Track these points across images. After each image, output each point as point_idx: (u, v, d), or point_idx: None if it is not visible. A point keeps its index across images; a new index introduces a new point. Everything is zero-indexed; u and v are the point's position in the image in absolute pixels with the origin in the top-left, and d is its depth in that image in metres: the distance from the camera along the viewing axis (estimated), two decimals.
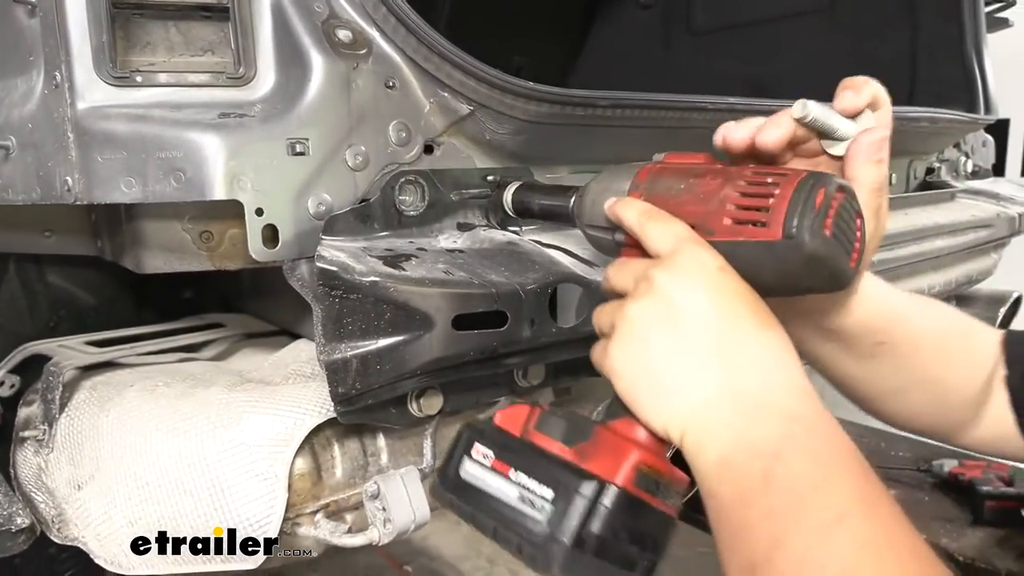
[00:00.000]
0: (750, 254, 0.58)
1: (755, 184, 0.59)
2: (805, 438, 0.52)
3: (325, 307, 0.70)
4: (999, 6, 2.02)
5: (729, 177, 0.62)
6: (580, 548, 0.53)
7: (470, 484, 0.61)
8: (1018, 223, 1.57)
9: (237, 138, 0.71)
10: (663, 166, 0.68)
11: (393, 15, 0.77)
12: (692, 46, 2.35)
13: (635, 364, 0.59)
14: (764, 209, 0.57)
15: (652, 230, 0.62)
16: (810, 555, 0.46)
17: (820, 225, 0.55)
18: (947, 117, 1.48)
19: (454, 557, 3.12)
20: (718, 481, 0.53)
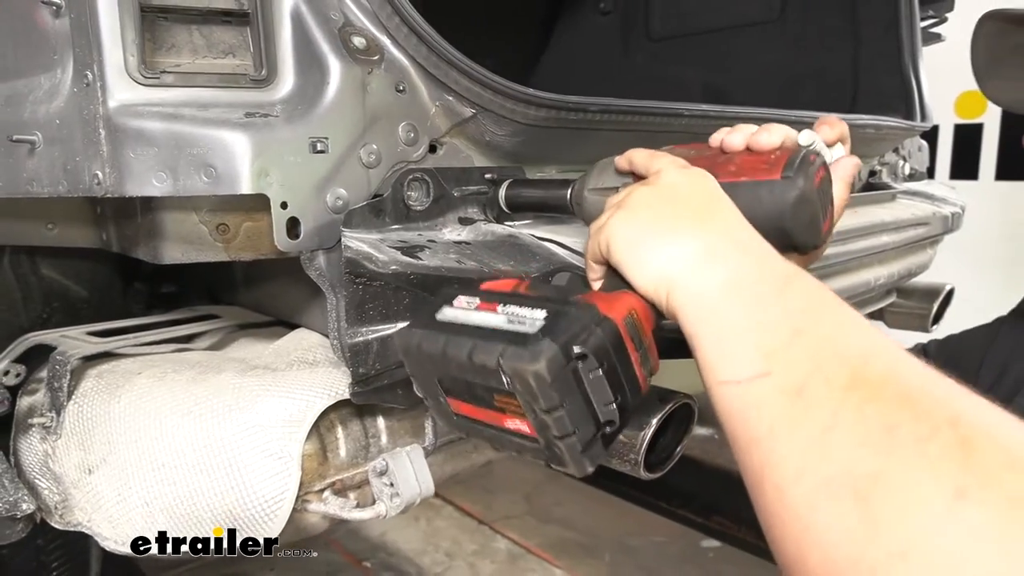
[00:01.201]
0: (749, 191, 0.66)
1: (758, 151, 0.70)
2: (809, 277, 0.55)
3: (349, 293, 0.76)
4: (932, 22, 2.18)
5: (734, 152, 0.72)
6: (566, 356, 0.51)
7: (447, 322, 0.58)
8: (951, 221, 1.71)
9: (264, 136, 0.76)
10: (671, 148, 0.77)
11: (405, 24, 0.83)
12: (650, 52, 2.45)
13: (634, 226, 0.62)
14: (765, 161, 0.67)
15: (662, 159, 0.70)
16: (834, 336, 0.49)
17: (811, 175, 0.65)
18: (889, 124, 1.61)
19: (412, 552, 3.15)
20: (729, 294, 0.54)
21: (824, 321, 0.50)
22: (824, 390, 0.45)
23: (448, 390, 0.59)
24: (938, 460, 0.39)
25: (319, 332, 1.06)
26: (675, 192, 0.64)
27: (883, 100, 1.86)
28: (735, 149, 0.72)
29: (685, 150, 0.76)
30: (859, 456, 0.42)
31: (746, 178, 0.67)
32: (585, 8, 2.63)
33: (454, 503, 3.43)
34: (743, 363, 0.50)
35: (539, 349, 0.50)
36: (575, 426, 0.52)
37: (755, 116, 1.23)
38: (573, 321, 0.53)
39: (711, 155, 0.73)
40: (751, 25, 2.20)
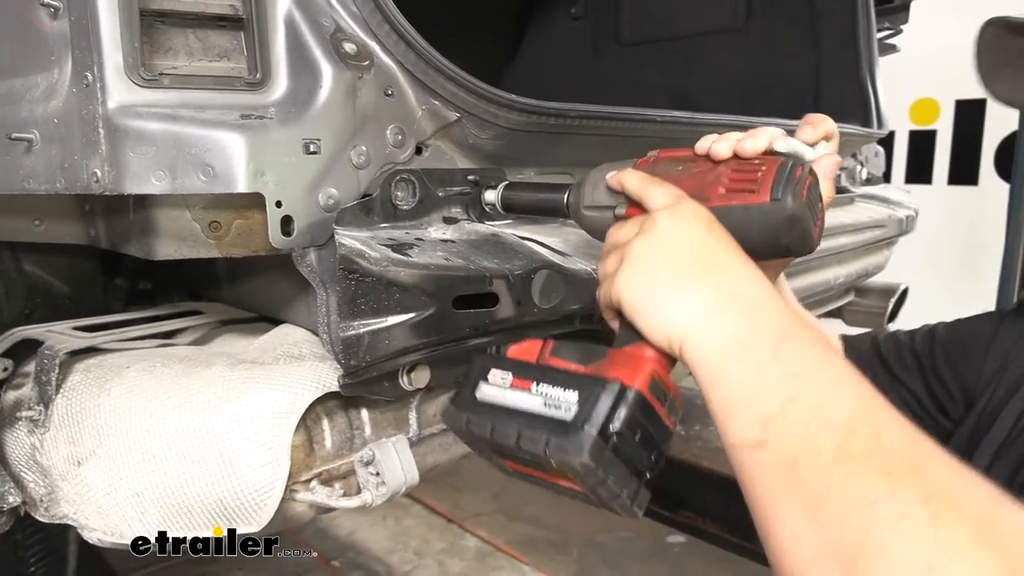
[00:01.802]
0: (741, 215, 0.69)
1: (743, 165, 0.71)
2: (801, 330, 0.59)
3: (342, 288, 0.79)
4: (888, 34, 2.27)
5: (720, 162, 0.73)
6: (604, 439, 0.58)
7: (488, 403, 0.65)
8: (905, 224, 1.80)
9: (260, 137, 0.79)
10: (659, 157, 0.78)
11: (395, 31, 0.87)
12: (620, 56, 2.52)
13: (641, 284, 0.65)
14: (753, 181, 0.69)
15: (653, 191, 0.72)
16: (823, 403, 0.53)
17: (799, 192, 0.67)
18: (848, 130, 1.69)
19: (381, 551, 3.17)
20: (730, 359, 0.58)
21: (814, 384, 0.55)
22: (813, 465, 0.51)
23: (501, 456, 0.66)
24: (912, 537, 0.45)
25: (304, 328, 1.08)
26: (671, 244, 0.66)
27: (842, 107, 1.94)
28: (722, 158, 0.74)
29: (672, 163, 0.76)
30: (844, 529, 0.48)
31: (736, 202, 0.69)
32: (556, 13, 2.69)
33: (423, 502, 3.46)
34: (744, 430, 0.56)
35: (580, 441, 0.57)
36: (621, 488, 0.59)
37: (723, 123, 1.29)
38: (604, 403, 0.59)
39: (699, 171, 0.74)
40: (717, 33, 2.28)
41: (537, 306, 0.90)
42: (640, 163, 0.79)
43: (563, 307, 0.91)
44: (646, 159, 0.79)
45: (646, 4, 2.45)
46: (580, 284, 0.94)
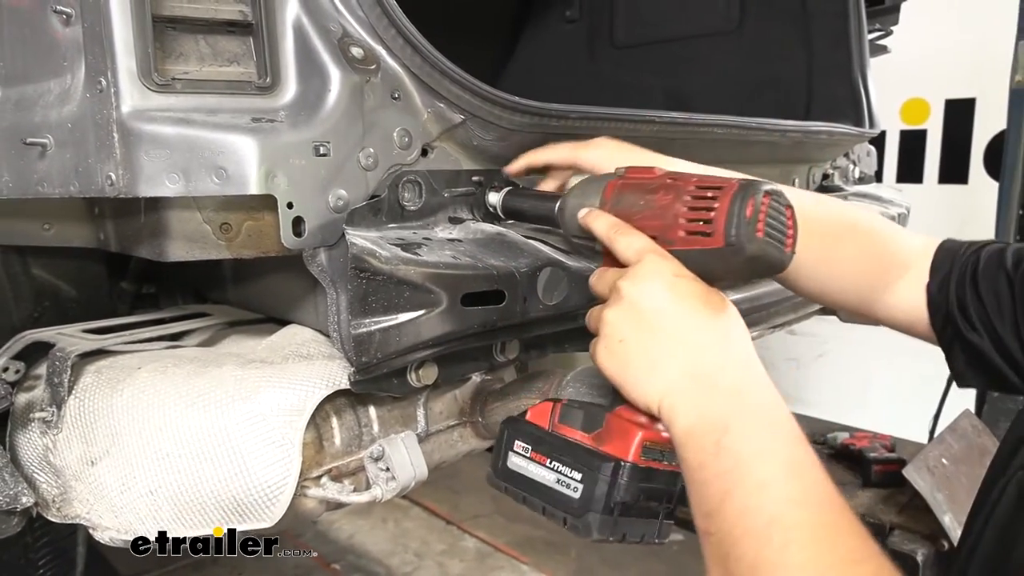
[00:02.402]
0: (701, 258, 0.72)
1: (698, 198, 0.73)
2: (749, 411, 0.65)
3: (353, 287, 0.81)
4: (879, 35, 2.31)
5: (677, 192, 0.74)
6: (609, 514, 0.68)
7: (517, 473, 0.76)
8: (897, 221, 1.83)
9: (271, 140, 0.81)
10: (624, 182, 0.81)
11: (401, 35, 0.89)
12: (615, 59, 2.54)
13: (617, 360, 0.72)
14: (707, 221, 0.71)
15: (619, 242, 0.75)
16: (749, 506, 0.60)
17: (753, 230, 0.68)
18: (841, 131, 1.71)
19: (381, 553, 3.18)
20: (684, 448, 0.66)
21: (745, 484, 0.61)
22: (737, 566, 0.59)
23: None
24: None
25: (311, 328, 1.10)
26: (637, 318, 0.70)
27: (835, 108, 1.97)
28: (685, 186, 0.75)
29: (637, 192, 0.78)
30: None
31: (695, 247, 0.71)
32: (552, 16, 2.71)
33: (422, 504, 3.47)
34: (697, 517, 0.64)
35: (588, 523, 0.69)
36: (641, 535, 0.72)
37: (719, 124, 1.32)
38: (603, 484, 0.69)
39: (660, 206, 0.75)
40: (711, 35, 2.30)
41: (542, 303, 0.92)
42: (608, 189, 0.81)
43: (567, 304, 0.93)
44: (613, 184, 0.81)
45: (640, 7, 2.48)
46: (583, 281, 0.96)
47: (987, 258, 0.98)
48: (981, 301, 0.97)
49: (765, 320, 1.51)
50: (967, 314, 0.98)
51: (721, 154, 1.49)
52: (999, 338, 0.96)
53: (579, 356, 1.44)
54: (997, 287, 0.96)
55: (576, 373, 1.06)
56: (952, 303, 0.99)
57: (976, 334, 0.97)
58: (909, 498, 2.16)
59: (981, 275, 0.98)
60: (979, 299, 0.97)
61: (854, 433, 2.59)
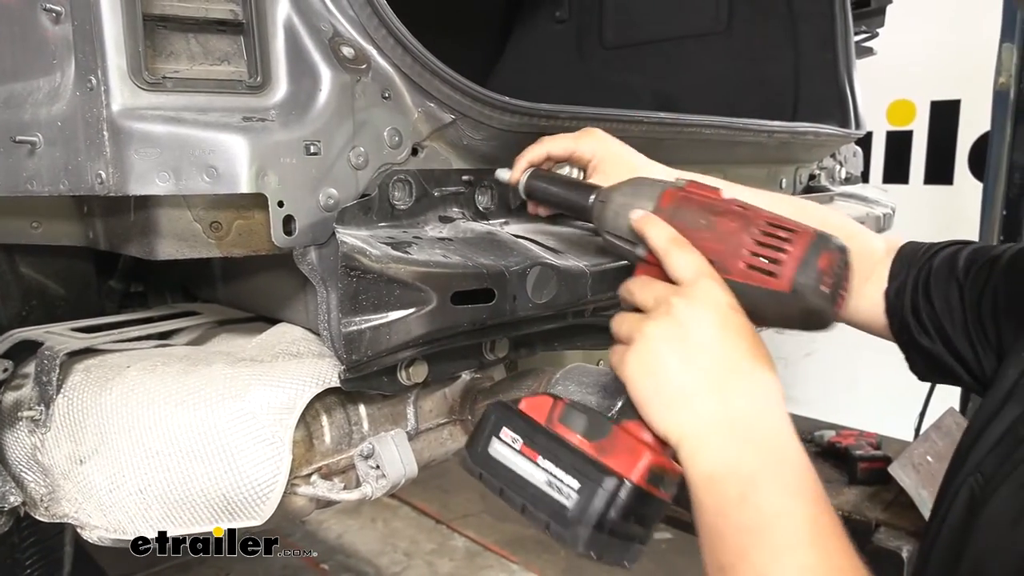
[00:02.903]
0: (758, 297, 0.69)
1: (768, 235, 0.69)
2: (778, 470, 0.63)
3: (344, 285, 0.81)
4: (865, 37, 2.33)
5: (747, 223, 0.71)
6: (600, 530, 0.64)
7: (499, 462, 0.71)
8: (883, 221, 1.85)
9: (262, 139, 0.81)
10: (685, 195, 0.76)
11: (391, 35, 0.90)
12: (604, 59, 2.55)
13: (647, 376, 0.68)
14: (776, 262, 0.67)
15: (676, 257, 0.71)
16: (766, 571, 0.58)
17: (819, 284, 0.66)
18: (827, 131, 1.73)
19: (371, 553, 3.18)
20: (705, 492, 0.64)
21: (765, 547, 0.60)
22: None
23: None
24: None
25: (301, 326, 1.10)
26: (684, 341, 0.67)
27: (821, 109, 1.99)
28: (756, 219, 0.72)
29: (699, 211, 0.74)
30: None
31: (756, 283, 0.68)
32: (541, 16, 2.72)
33: (411, 503, 3.47)
34: (710, 567, 0.63)
35: (576, 535, 0.64)
36: (618, 558, 0.67)
37: (707, 124, 1.33)
38: (601, 498, 0.64)
39: (724, 231, 0.71)
40: (699, 36, 2.32)
41: (532, 301, 0.93)
42: (665, 197, 0.77)
43: (556, 302, 0.94)
44: (672, 193, 0.77)
45: (629, 8, 2.49)
46: (572, 280, 0.97)
47: (939, 264, 1.02)
48: (933, 307, 1.01)
49: None
50: (920, 319, 1.01)
51: (709, 154, 1.50)
52: (950, 341, 0.99)
53: (568, 355, 1.45)
54: (948, 293, 1.00)
55: (566, 371, 1.07)
56: (907, 309, 1.02)
57: (928, 338, 1.01)
58: (894, 495, 2.18)
59: (933, 282, 1.02)
60: (931, 305, 1.01)
61: (840, 431, 2.62)
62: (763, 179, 1.75)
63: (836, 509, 1.85)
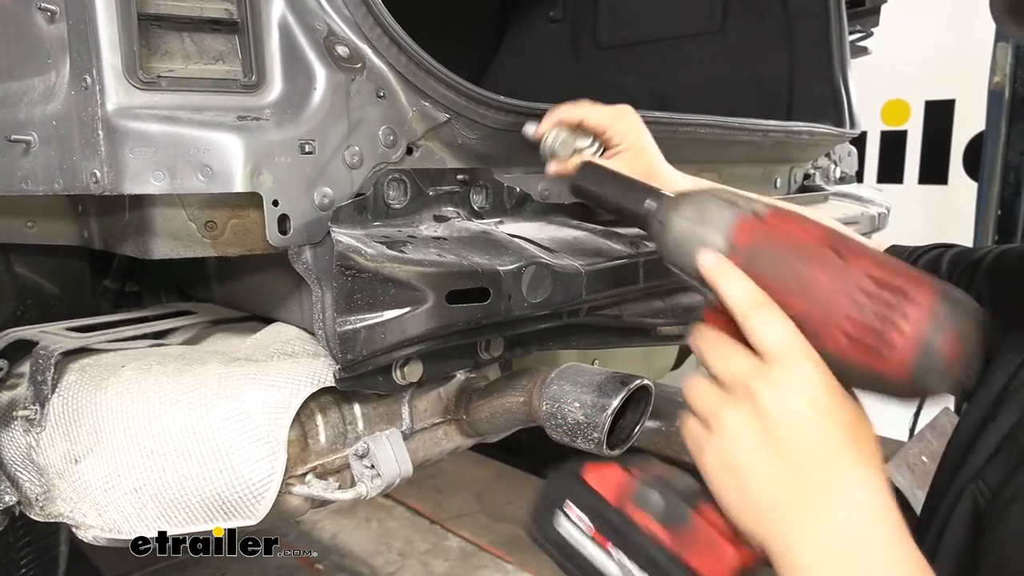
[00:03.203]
0: (861, 377, 0.56)
1: (877, 299, 0.54)
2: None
3: (339, 284, 0.82)
4: (860, 36, 2.34)
5: (845, 277, 0.56)
6: None
7: (568, 543, 0.62)
8: (877, 221, 1.86)
9: (257, 138, 0.82)
10: (766, 229, 0.61)
11: (386, 35, 0.90)
12: (599, 58, 2.56)
13: (732, 476, 0.58)
14: (888, 342, 0.53)
15: (759, 324, 0.58)
16: None
17: (946, 372, 0.52)
18: (822, 131, 1.74)
19: (365, 553, 3.18)
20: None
21: None
22: None
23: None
24: None
25: (296, 326, 1.10)
26: (773, 439, 0.57)
27: (816, 108, 2.00)
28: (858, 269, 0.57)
29: (786, 254, 0.59)
30: None
31: (861, 360, 0.54)
32: (536, 16, 2.73)
33: (406, 503, 3.47)
34: None
35: None
36: None
37: (703, 124, 1.33)
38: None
39: (820, 284, 0.57)
40: (694, 36, 2.32)
41: (527, 301, 0.93)
42: (742, 231, 0.61)
43: (551, 301, 0.94)
44: (748, 225, 0.61)
45: (624, 8, 2.49)
46: (567, 279, 0.97)
47: (922, 268, 1.01)
48: None
49: None
50: None
51: (704, 154, 1.51)
52: None
53: (562, 354, 1.45)
54: None
55: (560, 371, 1.07)
56: None
57: None
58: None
59: None
60: None
61: None
62: (758, 178, 1.76)
63: None
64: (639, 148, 1.04)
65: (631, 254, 1.08)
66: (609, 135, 1.02)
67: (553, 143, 1.01)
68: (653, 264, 1.11)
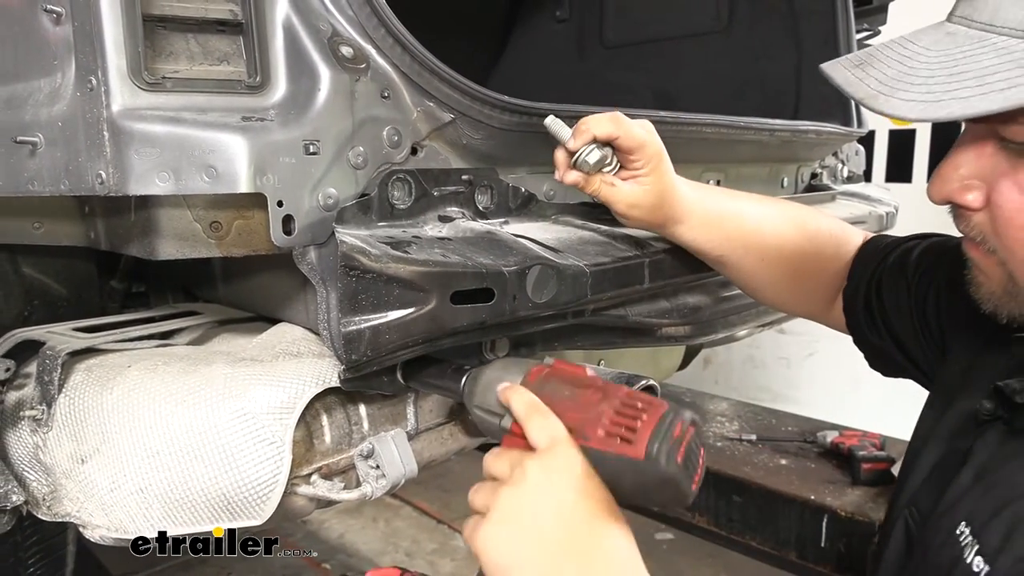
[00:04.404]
0: (615, 465, 0.70)
1: (627, 406, 0.72)
2: None
3: (344, 285, 0.82)
4: (867, 35, 2.32)
5: (607, 395, 0.74)
6: None
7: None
8: (885, 220, 1.85)
9: (261, 139, 0.82)
10: (552, 371, 0.80)
11: (390, 35, 0.90)
12: (604, 58, 2.55)
13: (502, 548, 0.68)
14: (632, 430, 0.70)
15: (535, 423, 0.73)
16: None
17: (675, 453, 0.68)
18: (829, 130, 1.73)
19: (372, 552, 3.18)
20: None
21: None
22: None
23: None
24: None
25: (301, 326, 1.10)
26: (538, 508, 0.68)
27: (823, 107, 1.99)
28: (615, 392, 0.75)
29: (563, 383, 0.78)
30: None
31: (612, 450, 0.70)
32: (542, 15, 2.72)
33: (412, 503, 3.47)
34: None
35: None
36: None
37: (709, 123, 1.33)
38: None
39: (585, 402, 0.75)
40: (699, 35, 2.32)
41: (532, 301, 0.93)
42: (533, 373, 0.81)
43: (556, 302, 0.94)
44: (539, 369, 0.81)
45: (630, 7, 2.49)
46: (571, 279, 0.97)
47: (894, 260, 1.02)
48: (883, 304, 1.01)
49: (752, 319, 1.52)
50: (872, 316, 1.02)
51: (711, 153, 1.50)
52: (899, 338, 1.00)
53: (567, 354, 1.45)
54: (897, 290, 1.00)
55: None
56: (859, 307, 1.03)
57: (879, 335, 1.02)
58: None
59: (884, 279, 1.02)
60: (881, 302, 1.01)
61: (843, 431, 2.61)
62: (765, 178, 1.75)
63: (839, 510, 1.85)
64: (659, 174, 1.01)
65: (636, 254, 1.07)
66: (636, 157, 0.99)
67: (586, 158, 0.97)
68: (658, 264, 1.11)
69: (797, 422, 2.91)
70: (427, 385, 0.97)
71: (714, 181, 1.55)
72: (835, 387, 3.98)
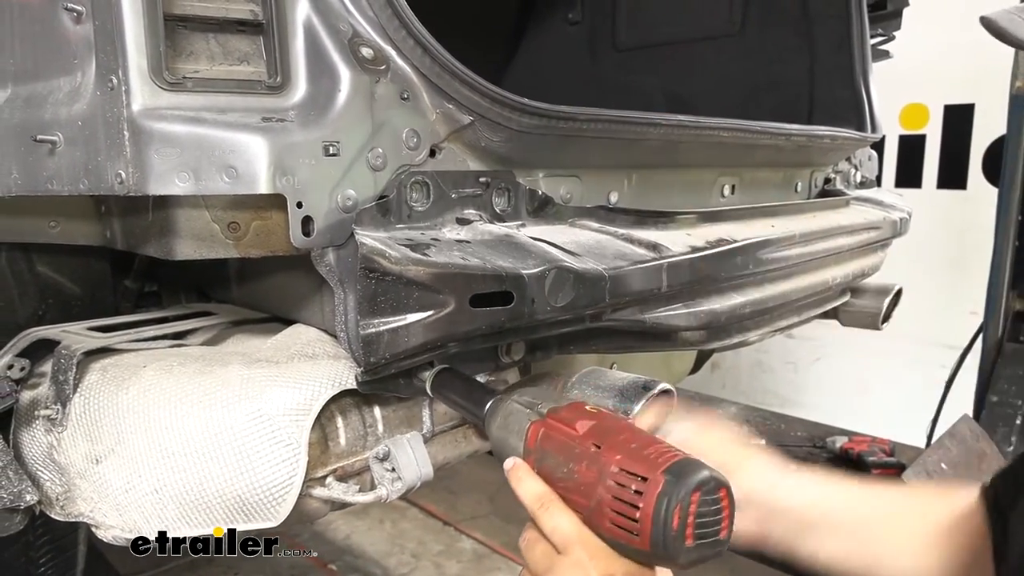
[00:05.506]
0: (628, 552, 0.71)
1: (623, 487, 0.70)
2: None
3: (362, 287, 0.81)
4: (882, 40, 2.31)
5: (601, 471, 0.72)
6: None
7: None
8: (900, 226, 1.83)
9: (281, 140, 0.81)
10: (547, 430, 0.80)
11: (411, 36, 0.89)
12: (617, 61, 2.54)
13: None
14: (633, 519, 0.68)
15: (545, 523, 0.76)
16: None
17: (682, 542, 0.66)
18: (843, 135, 1.72)
19: (378, 554, 3.18)
20: None
21: None
22: None
23: None
24: None
25: (317, 327, 1.10)
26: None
27: (837, 112, 1.98)
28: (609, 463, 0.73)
29: (559, 452, 0.78)
30: None
31: (622, 541, 0.70)
32: (554, 18, 2.72)
33: (419, 505, 3.46)
34: None
35: None
36: None
37: (724, 127, 1.32)
38: None
39: (587, 483, 0.74)
40: (712, 38, 2.31)
41: (550, 304, 0.93)
42: (532, 435, 0.81)
43: (574, 305, 0.93)
44: (537, 427, 0.81)
45: (642, 10, 2.48)
46: (590, 283, 0.97)
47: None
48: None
49: (767, 324, 1.51)
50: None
51: (725, 158, 1.49)
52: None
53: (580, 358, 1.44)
54: None
55: (582, 375, 1.06)
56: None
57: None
58: None
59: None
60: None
61: (853, 437, 2.60)
62: (779, 183, 1.74)
63: None
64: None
65: (654, 257, 1.07)
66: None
67: None
68: (675, 268, 1.10)
69: (806, 427, 2.90)
70: (451, 402, 0.98)
71: (728, 185, 1.54)
72: (842, 392, 3.96)
